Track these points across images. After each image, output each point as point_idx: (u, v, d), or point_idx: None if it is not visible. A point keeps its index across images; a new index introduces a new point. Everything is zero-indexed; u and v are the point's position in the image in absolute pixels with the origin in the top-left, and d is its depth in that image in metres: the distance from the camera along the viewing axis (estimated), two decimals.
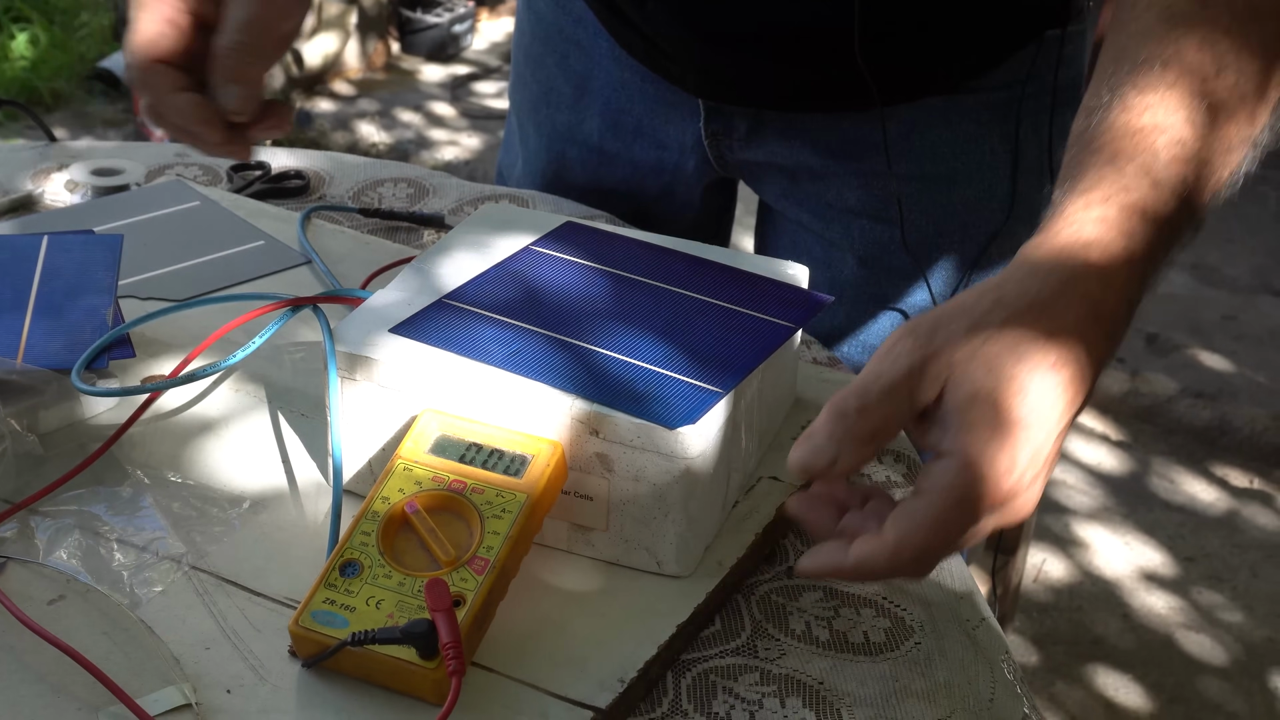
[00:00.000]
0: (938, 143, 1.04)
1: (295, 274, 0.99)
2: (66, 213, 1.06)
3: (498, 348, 0.74)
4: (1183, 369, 2.77)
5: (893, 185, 1.05)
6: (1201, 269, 3.16)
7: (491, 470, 0.70)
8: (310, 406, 0.84)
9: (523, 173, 1.23)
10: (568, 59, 1.15)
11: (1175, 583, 2.23)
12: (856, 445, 0.63)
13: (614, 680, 0.65)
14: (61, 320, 0.85)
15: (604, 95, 1.14)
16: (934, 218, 1.06)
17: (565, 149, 1.18)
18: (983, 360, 0.62)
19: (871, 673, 0.69)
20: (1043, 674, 2.03)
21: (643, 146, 1.14)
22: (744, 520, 0.76)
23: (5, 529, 0.73)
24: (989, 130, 1.04)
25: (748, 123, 1.08)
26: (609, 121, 1.15)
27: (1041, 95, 1.03)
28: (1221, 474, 2.51)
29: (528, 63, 1.19)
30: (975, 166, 1.05)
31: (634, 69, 1.11)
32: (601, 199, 1.16)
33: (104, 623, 0.68)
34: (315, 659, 0.64)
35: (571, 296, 0.79)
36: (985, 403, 0.61)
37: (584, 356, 0.74)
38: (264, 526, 0.75)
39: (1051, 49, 1.02)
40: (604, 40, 1.12)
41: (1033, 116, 1.04)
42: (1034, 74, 1.03)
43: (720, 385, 0.72)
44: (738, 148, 1.10)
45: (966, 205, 1.06)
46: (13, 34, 3.68)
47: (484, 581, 0.66)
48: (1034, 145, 1.04)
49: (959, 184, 1.05)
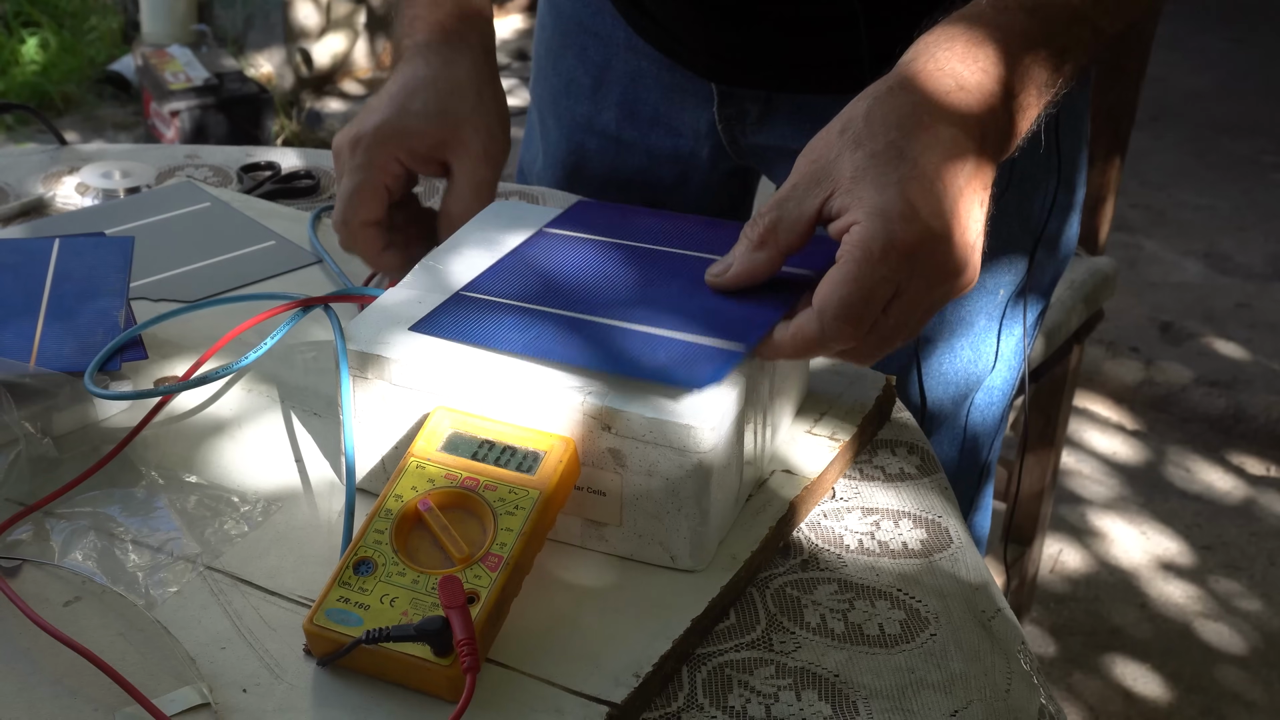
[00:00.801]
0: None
1: (306, 274, 0.99)
2: (78, 215, 1.06)
3: (515, 334, 0.74)
4: (1197, 357, 2.76)
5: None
6: (1214, 257, 3.15)
7: (504, 467, 0.70)
8: (323, 405, 0.84)
9: (543, 166, 1.25)
10: (586, 50, 1.17)
11: (1192, 572, 2.23)
12: (763, 253, 0.74)
13: (629, 675, 0.65)
14: (74, 323, 0.85)
15: (621, 85, 1.16)
16: None
17: (584, 140, 1.20)
18: (866, 131, 0.71)
19: (887, 664, 0.69)
20: (1060, 664, 2.03)
21: (659, 134, 1.16)
22: (757, 514, 0.76)
23: (21, 531, 0.73)
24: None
25: (759, 106, 1.09)
26: (626, 111, 1.16)
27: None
28: (1238, 462, 2.50)
29: (548, 56, 1.21)
30: None
31: (650, 57, 1.13)
32: (619, 189, 1.18)
33: (120, 624, 0.68)
34: (330, 657, 0.65)
35: (587, 273, 0.80)
36: (872, 169, 0.70)
37: (603, 332, 0.74)
38: (278, 526, 0.75)
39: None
40: (621, 30, 1.14)
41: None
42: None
43: (743, 341, 0.72)
44: (750, 132, 1.11)
45: None
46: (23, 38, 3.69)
47: (498, 578, 0.66)
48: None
49: None
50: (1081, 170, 1.12)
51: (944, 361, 1.10)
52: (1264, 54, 4.30)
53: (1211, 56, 4.23)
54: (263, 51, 3.62)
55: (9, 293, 0.88)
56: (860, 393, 0.86)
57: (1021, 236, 1.08)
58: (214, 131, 3.19)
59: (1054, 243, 1.11)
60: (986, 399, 1.14)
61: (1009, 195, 1.05)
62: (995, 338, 1.11)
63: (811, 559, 0.76)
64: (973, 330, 1.10)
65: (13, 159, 1.17)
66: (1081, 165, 1.12)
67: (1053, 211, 1.09)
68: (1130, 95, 1.73)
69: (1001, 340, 1.12)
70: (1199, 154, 3.65)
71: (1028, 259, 1.09)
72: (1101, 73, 1.73)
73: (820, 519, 0.79)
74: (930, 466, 0.84)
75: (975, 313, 1.09)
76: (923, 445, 0.86)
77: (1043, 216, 1.09)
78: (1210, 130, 3.78)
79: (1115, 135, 1.75)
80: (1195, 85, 4.02)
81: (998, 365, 1.13)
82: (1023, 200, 1.07)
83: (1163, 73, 3.70)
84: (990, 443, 1.18)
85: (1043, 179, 1.07)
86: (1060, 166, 1.08)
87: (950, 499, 0.82)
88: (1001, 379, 1.14)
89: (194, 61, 3.28)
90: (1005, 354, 1.13)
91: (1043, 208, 1.08)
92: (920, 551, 0.77)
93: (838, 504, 0.80)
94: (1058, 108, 0.79)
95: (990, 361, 1.12)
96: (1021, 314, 1.12)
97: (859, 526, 0.78)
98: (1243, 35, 4.43)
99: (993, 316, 1.10)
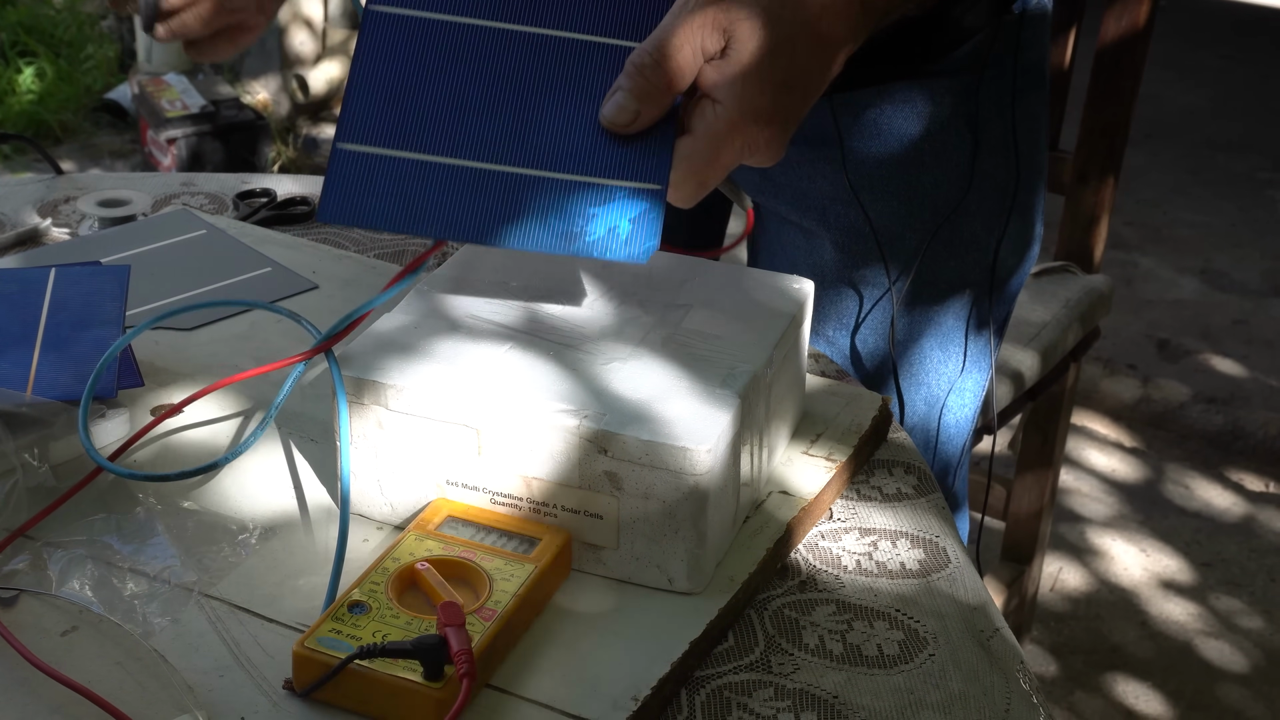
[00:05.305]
0: (902, 126, 1.06)
1: (303, 300, 0.99)
2: (73, 244, 1.06)
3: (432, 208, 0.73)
4: (1194, 374, 2.76)
5: (846, 170, 1.07)
6: (1210, 274, 3.15)
7: (501, 549, 0.71)
8: (319, 431, 0.84)
9: None
10: None
11: (1193, 589, 2.22)
12: (655, 95, 0.73)
13: (627, 699, 0.65)
14: (69, 352, 0.85)
15: None
16: (902, 199, 1.08)
17: None
18: (766, 19, 0.73)
19: (886, 685, 0.69)
20: (1061, 684, 2.02)
21: None
22: (755, 535, 0.76)
23: (18, 561, 0.73)
24: (953, 112, 1.06)
25: None
26: None
27: (1003, 77, 1.06)
28: (1236, 479, 2.50)
29: None
30: (940, 148, 1.07)
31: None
32: None
33: (117, 653, 0.68)
34: (316, 684, 0.64)
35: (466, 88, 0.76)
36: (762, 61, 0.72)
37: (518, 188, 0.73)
38: (275, 552, 0.75)
39: (1011, 31, 1.05)
40: None
41: (994, 98, 1.06)
42: (995, 56, 1.05)
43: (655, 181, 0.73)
44: None
45: (935, 185, 1.08)
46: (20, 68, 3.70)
47: (491, 626, 0.66)
48: (996, 127, 1.07)
49: (925, 166, 1.07)
50: (1042, 170, 1.13)
51: (915, 364, 1.12)
52: (1256, 71, 4.32)
53: (1204, 74, 4.25)
54: (259, 78, 3.63)
55: (5, 322, 0.88)
56: (856, 413, 0.86)
57: (984, 237, 1.10)
58: (211, 158, 3.19)
59: (1016, 245, 1.12)
60: (958, 401, 1.15)
61: (971, 195, 1.07)
62: (963, 339, 1.12)
63: (809, 580, 0.76)
64: (940, 331, 1.11)
65: (9, 188, 1.17)
66: (1042, 165, 1.13)
67: (1013, 211, 1.10)
68: (1124, 112, 1.74)
69: (969, 343, 1.13)
70: (1194, 171, 3.66)
71: (991, 260, 1.10)
72: (1096, 90, 1.74)
73: (818, 540, 0.79)
74: (927, 486, 0.84)
75: (942, 314, 1.10)
76: (919, 465, 0.86)
77: (1004, 215, 1.10)
78: (1205, 147, 3.80)
79: (1110, 153, 1.76)
80: (1189, 102, 4.04)
81: (967, 366, 1.14)
82: (984, 202, 1.08)
83: (1156, 90, 3.71)
84: (964, 445, 1.19)
85: (1003, 178, 1.08)
86: (1019, 167, 1.09)
87: (947, 518, 0.82)
88: (972, 381, 1.15)
89: (190, 89, 3.29)
90: (974, 354, 1.14)
91: (1004, 209, 1.09)
92: (918, 572, 0.77)
93: (835, 525, 0.80)
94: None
95: (959, 364, 1.13)
96: (987, 314, 1.13)
97: (856, 547, 0.78)
98: (1234, 52, 4.45)
99: (959, 318, 1.11)
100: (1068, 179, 1.79)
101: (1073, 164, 1.78)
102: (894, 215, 1.08)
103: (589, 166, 0.74)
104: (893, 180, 1.07)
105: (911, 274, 1.08)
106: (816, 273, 1.11)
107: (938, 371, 1.13)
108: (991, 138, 1.07)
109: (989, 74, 1.05)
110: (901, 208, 1.08)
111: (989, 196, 1.09)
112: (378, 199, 0.73)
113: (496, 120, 0.75)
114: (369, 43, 0.77)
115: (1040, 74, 1.10)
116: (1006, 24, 1.04)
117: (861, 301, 1.11)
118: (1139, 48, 1.70)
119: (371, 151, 0.75)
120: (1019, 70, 1.06)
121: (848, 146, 1.06)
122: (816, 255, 1.11)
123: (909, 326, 1.11)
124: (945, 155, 1.07)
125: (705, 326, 0.79)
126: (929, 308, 1.11)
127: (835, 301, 1.12)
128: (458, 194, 0.74)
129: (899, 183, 1.07)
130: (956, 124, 1.06)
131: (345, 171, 0.74)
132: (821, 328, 1.13)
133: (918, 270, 1.08)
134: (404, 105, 0.75)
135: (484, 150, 0.74)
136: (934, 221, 1.08)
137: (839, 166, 1.07)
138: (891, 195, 1.08)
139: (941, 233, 1.08)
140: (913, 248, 1.09)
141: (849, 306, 1.12)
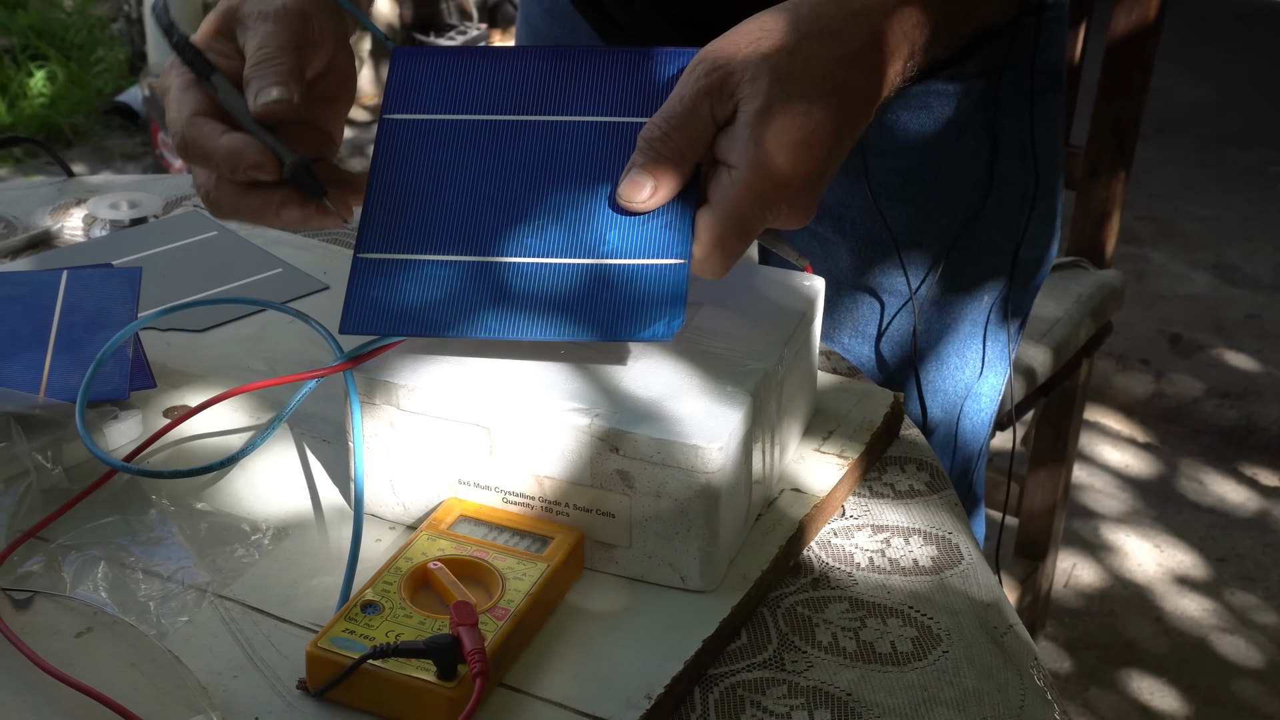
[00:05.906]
0: (919, 131, 1.05)
1: (314, 300, 1.00)
2: (85, 247, 1.06)
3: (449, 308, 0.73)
4: (1207, 369, 2.76)
5: (864, 177, 1.06)
6: (1223, 268, 3.15)
7: (514, 548, 0.71)
8: (331, 431, 0.84)
9: None
10: None
11: (1207, 585, 2.22)
12: (669, 168, 0.72)
13: (640, 697, 0.65)
14: (82, 354, 0.85)
15: None
16: (920, 205, 1.07)
17: None
18: (773, 79, 0.70)
19: (900, 683, 0.69)
20: (1076, 680, 2.02)
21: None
22: (767, 533, 0.76)
23: (33, 563, 0.73)
24: (970, 116, 1.05)
25: None
26: None
27: (1020, 80, 1.05)
28: (1250, 473, 2.50)
29: None
30: (957, 153, 1.06)
31: None
32: None
33: (132, 654, 0.68)
34: (330, 684, 0.64)
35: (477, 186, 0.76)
36: (773, 121, 0.70)
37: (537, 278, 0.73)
38: (288, 553, 0.75)
39: (1029, 34, 1.04)
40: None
41: (1012, 101, 1.05)
42: (1011, 59, 1.04)
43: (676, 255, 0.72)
44: None
45: (951, 190, 1.07)
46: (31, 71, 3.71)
47: (504, 625, 0.66)
48: (1014, 129, 1.06)
49: (942, 171, 1.06)
50: (1060, 171, 1.13)
51: (932, 370, 1.11)
52: (1264, 64, 4.30)
53: (1213, 67, 4.23)
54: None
55: (18, 325, 0.88)
56: (868, 410, 0.86)
57: (1002, 243, 1.09)
58: None
59: (1035, 248, 1.12)
60: (975, 405, 1.15)
61: (989, 203, 1.06)
62: (981, 343, 1.12)
63: (822, 578, 0.76)
64: (958, 337, 1.11)
65: (21, 191, 1.17)
66: (1060, 167, 1.13)
67: (1032, 217, 1.09)
68: (1134, 107, 1.73)
69: (987, 346, 1.12)
70: (1204, 165, 3.65)
71: (1010, 264, 1.10)
72: (1106, 84, 1.73)
73: (830, 537, 0.79)
74: (940, 483, 0.84)
75: (960, 319, 1.10)
76: (931, 462, 0.86)
77: (1023, 222, 1.09)
78: (1215, 141, 3.78)
79: (1120, 148, 1.76)
80: (1198, 96, 4.02)
81: (985, 371, 1.13)
82: (1003, 207, 1.08)
83: (1166, 84, 3.70)
84: (980, 449, 1.19)
85: (1022, 182, 1.08)
86: (1038, 172, 1.08)
87: (960, 515, 0.82)
88: (989, 385, 1.15)
89: None
90: (992, 357, 1.13)
91: (1022, 213, 1.09)
92: (931, 568, 0.76)
93: (847, 522, 0.80)
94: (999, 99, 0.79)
95: (977, 368, 1.12)
96: (1004, 320, 1.12)
97: (869, 544, 0.78)
98: (1242, 46, 4.43)
99: (977, 323, 1.11)
100: (1079, 174, 1.78)
101: (1084, 159, 1.77)
102: (911, 222, 1.07)
103: (610, 249, 0.74)
104: (910, 186, 1.07)
105: (931, 282, 1.08)
106: (831, 280, 1.09)
107: (955, 377, 1.12)
108: (1010, 141, 1.06)
109: (1007, 75, 1.04)
110: (919, 214, 1.07)
111: (1008, 201, 1.08)
112: (400, 305, 0.73)
113: (514, 213, 0.75)
114: (385, 150, 0.78)
115: (1058, 74, 1.09)
116: (1025, 25, 1.03)
117: (881, 309, 1.10)
118: (1149, 42, 1.69)
119: (392, 258, 0.75)
120: (1037, 71, 1.05)
121: (864, 152, 1.05)
122: (832, 262, 1.11)
123: (927, 333, 1.10)
124: (964, 160, 1.06)
125: (716, 324, 0.79)
126: (947, 314, 1.10)
127: (851, 309, 1.11)
128: (481, 291, 0.74)
129: (917, 189, 1.07)
130: (974, 128, 1.05)
131: (366, 281, 0.75)
132: (837, 335, 1.12)
133: (936, 278, 1.08)
134: (422, 208, 0.76)
135: (504, 245, 0.74)
136: (952, 229, 1.07)
137: (855, 174, 1.06)
138: (909, 202, 1.07)
139: (960, 239, 1.08)
140: (931, 255, 1.08)
141: (865, 314, 1.11)
